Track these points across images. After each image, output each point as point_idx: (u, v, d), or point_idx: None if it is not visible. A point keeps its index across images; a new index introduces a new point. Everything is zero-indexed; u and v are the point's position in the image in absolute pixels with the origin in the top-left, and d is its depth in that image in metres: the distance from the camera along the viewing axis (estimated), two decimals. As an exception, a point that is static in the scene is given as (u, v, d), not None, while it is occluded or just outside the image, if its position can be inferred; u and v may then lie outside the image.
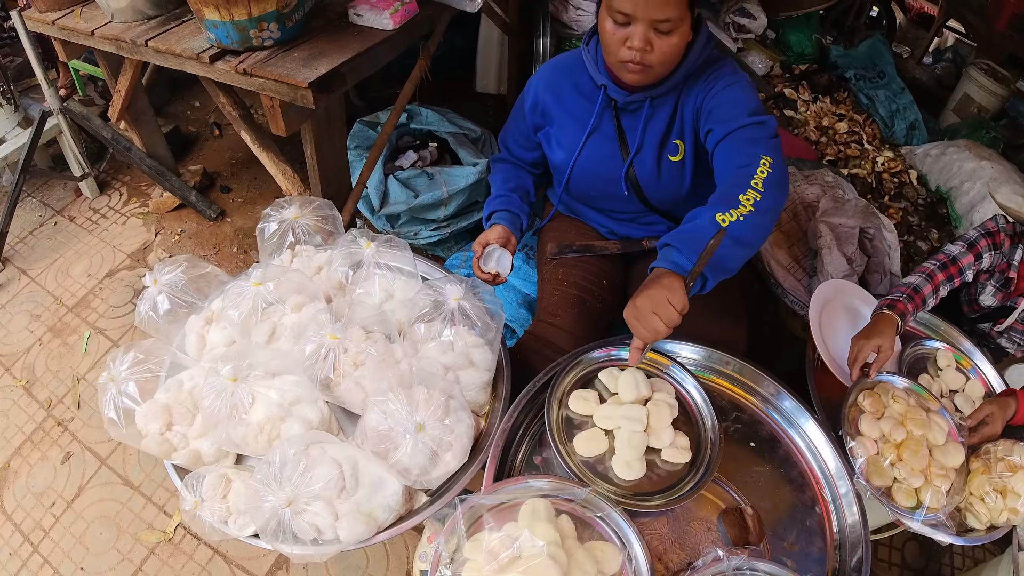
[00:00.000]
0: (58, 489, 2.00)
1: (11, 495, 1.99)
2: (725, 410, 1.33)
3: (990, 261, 1.68)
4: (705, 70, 1.36)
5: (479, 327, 1.21)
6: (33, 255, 2.74)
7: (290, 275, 1.25)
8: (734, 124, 1.27)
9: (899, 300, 1.55)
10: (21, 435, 2.14)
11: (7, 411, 2.21)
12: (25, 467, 2.06)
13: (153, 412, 1.17)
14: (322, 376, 1.15)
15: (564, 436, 1.17)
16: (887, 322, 1.49)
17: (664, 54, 1.24)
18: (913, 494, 1.29)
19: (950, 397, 1.64)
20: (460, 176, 2.30)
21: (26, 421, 2.18)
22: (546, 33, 2.74)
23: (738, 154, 1.24)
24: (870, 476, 1.28)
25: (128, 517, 1.92)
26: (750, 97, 1.31)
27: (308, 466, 1.05)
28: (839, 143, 3.46)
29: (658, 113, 1.40)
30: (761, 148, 1.21)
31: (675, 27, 1.21)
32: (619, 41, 1.24)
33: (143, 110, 2.59)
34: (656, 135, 1.42)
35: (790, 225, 2.62)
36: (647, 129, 1.42)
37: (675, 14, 1.18)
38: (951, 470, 1.33)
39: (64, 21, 1.98)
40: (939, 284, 1.63)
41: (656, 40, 1.22)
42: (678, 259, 1.12)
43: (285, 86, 1.55)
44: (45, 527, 1.91)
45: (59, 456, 2.08)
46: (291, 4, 1.55)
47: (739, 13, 3.73)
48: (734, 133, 1.26)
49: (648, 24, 1.20)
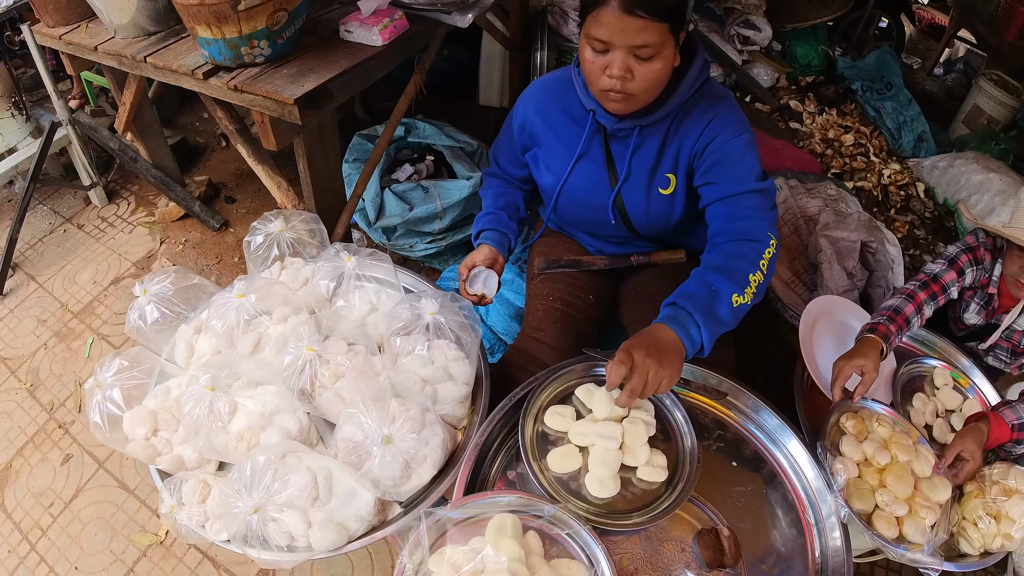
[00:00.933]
0: (57, 490, 2.04)
1: (12, 494, 2.05)
2: (708, 428, 1.31)
3: (972, 277, 1.66)
4: (700, 103, 1.32)
5: (453, 342, 1.21)
6: (42, 261, 2.81)
7: (274, 287, 1.27)
8: (740, 188, 1.28)
9: (880, 323, 1.52)
10: (23, 436, 2.20)
11: (11, 413, 2.26)
12: (26, 467, 2.11)
13: (140, 418, 1.20)
14: (300, 387, 1.16)
15: (538, 452, 1.17)
16: (870, 344, 1.46)
17: (646, 81, 1.20)
18: (895, 524, 1.22)
19: (946, 417, 1.60)
20: (454, 190, 2.31)
21: (29, 423, 2.23)
22: (544, 47, 2.75)
23: (745, 220, 1.27)
24: (850, 498, 1.23)
25: (122, 519, 1.96)
26: (755, 158, 1.31)
27: (282, 474, 1.07)
28: (845, 155, 3.43)
29: (647, 142, 1.37)
30: (768, 224, 1.26)
31: (656, 52, 1.16)
32: (599, 69, 1.20)
33: (149, 122, 2.64)
34: (645, 165, 1.39)
35: (791, 239, 2.60)
36: (635, 158, 1.39)
37: (654, 39, 1.14)
38: (936, 505, 1.27)
39: (70, 36, 2.04)
40: (922, 303, 1.60)
41: (636, 67, 1.18)
42: (695, 335, 1.16)
43: (273, 102, 1.58)
44: (43, 526, 1.96)
45: (59, 458, 2.12)
46: (281, 22, 1.58)
47: (744, 25, 3.72)
48: (739, 197, 1.28)
49: (627, 51, 1.16)
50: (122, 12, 1.86)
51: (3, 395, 2.31)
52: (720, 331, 1.17)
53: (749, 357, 2.26)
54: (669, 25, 1.15)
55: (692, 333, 1.15)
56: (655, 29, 1.13)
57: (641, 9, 1.11)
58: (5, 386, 2.34)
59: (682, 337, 1.15)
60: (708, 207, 1.34)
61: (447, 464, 1.18)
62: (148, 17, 1.89)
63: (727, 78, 3.74)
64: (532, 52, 2.82)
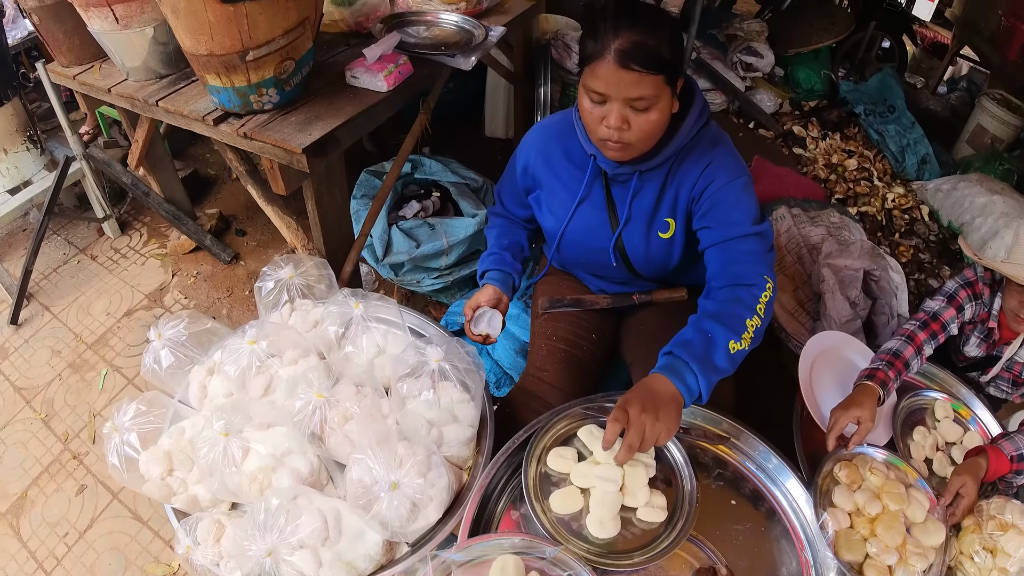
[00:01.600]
0: (72, 520, 2.07)
1: (27, 523, 2.08)
2: (708, 466, 1.34)
3: (972, 312, 1.67)
4: (697, 147, 1.35)
5: (459, 384, 1.25)
6: (57, 292, 2.85)
7: (284, 333, 1.31)
8: (736, 232, 1.31)
9: (879, 369, 1.53)
10: (39, 466, 2.23)
11: (26, 443, 2.30)
12: (41, 497, 2.14)
13: (155, 458, 1.24)
14: (310, 431, 1.20)
15: (541, 493, 1.20)
16: (867, 393, 1.47)
17: (643, 131, 1.23)
18: (886, 573, 1.23)
19: (946, 450, 1.61)
20: (460, 227, 2.36)
21: (44, 453, 2.27)
22: (547, 81, 2.80)
23: (740, 264, 1.29)
24: (840, 550, 1.24)
25: (136, 549, 1.99)
26: (751, 201, 1.33)
27: (294, 515, 1.11)
28: (848, 180, 3.45)
29: (646, 187, 1.39)
30: (764, 267, 1.28)
31: (652, 104, 1.19)
32: (597, 119, 1.24)
33: (160, 157, 2.70)
34: (645, 209, 1.41)
35: (794, 268, 2.63)
36: (635, 202, 1.41)
37: (649, 91, 1.17)
38: (930, 549, 1.27)
39: (84, 77, 2.09)
40: (922, 344, 1.61)
41: (633, 118, 1.21)
42: (692, 384, 1.18)
43: (282, 150, 1.62)
44: (58, 555, 1.99)
45: (74, 488, 2.16)
46: (288, 70, 1.63)
47: (746, 52, 3.76)
48: (734, 241, 1.31)
49: (623, 102, 1.19)
50: (134, 55, 1.91)
51: (18, 425, 2.35)
52: (717, 378, 1.19)
53: (750, 387, 2.28)
54: (664, 76, 1.18)
55: (689, 382, 1.18)
56: (650, 81, 1.17)
57: (636, 63, 1.14)
58: (20, 416, 2.38)
59: (679, 387, 1.17)
60: (706, 251, 1.37)
61: (453, 503, 1.21)
62: (159, 60, 1.94)
63: (730, 105, 3.78)
64: (536, 86, 2.87)
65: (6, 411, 2.40)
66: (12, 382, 2.49)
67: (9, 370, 2.54)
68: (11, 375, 2.52)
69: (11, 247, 3.11)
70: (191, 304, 2.75)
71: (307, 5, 1.56)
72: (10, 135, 2.69)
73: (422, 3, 2.19)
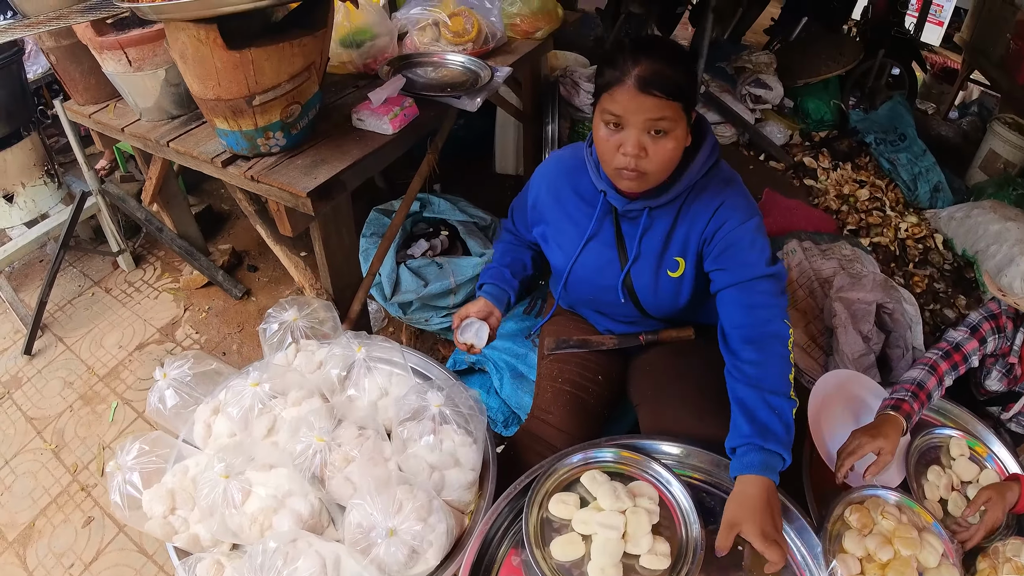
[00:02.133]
0: (77, 551, 2.08)
1: (34, 554, 2.08)
2: (714, 511, 1.30)
3: (994, 345, 1.64)
4: (708, 187, 1.35)
5: (461, 427, 1.24)
6: (71, 323, 2.89)
7: (288, 376, 1.32)
8: (753, 273, 1.31)
9: (904, 400, 1.50)
10: (47, 497, 2.24)
11: (36, 473, 2.32)
12: (49, 528, 2.15)
13: (159, 496, 1.24)
14: (310, 474, 1.19)
15: (542, 539, 1.18)
16: (892, 424, 1.44)
17: (659, 159, 1.23)
18: None
19: (962, 490, 1.56)
20: (467, 267, 2.37)
21: (52, 484, 2.28)
22: (554, 119, 2.82)
23: (761, 311, 1.30)
24: None
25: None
26: (764, 241, 1.34)
27: (293, 558, 1.10)
28: (860, 211, 3.41)
29: (656, 224, 1.39)
30: (781, 311, 1.30)
31: (670, 129, 1.21)
32: (613, 148, 1.24)
33: (174, 193, 2.76)
34: (654, 247, 1.41)
35: (806, 303, 2.60)
36: (644, 240, 1.41)
37: (669, 114, 1.19)
38: None
39: (99, 116, 2.15)
40: (943, 375, 1.58)
41: (651, 144, 1.22)
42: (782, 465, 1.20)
43: (288, 194, 1.64)
44: None
45: (81, 520, 2.16)
46: (295, 114, 1.66)
47: (755, 84, 3.78)
48: (752, 282, 1.31)
49: (641, 127, 1.20)
50: (146, 96, 1.96)
51: (29, 455, 2.37)
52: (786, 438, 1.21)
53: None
54: (681, 104, 1.20)
55: (779, 466, 1.20)
56: (669, 107, 1.19)
57: (656, 89, 1.17)
58: (31, 446, 2.41)
59: (773, 477, 1.18)
60: (720, 292, 1.36)
61: (454, 548, 1.19)
62: (171, 101, 1.98)
63: (740, 137, 3.78)
64: (544, 123, 2.90)
65: (17, 440, 2.42)
66: (24, 412, 2.52)
67: (21, 400, 2.57)
68: (23, 405, 2.55)
69: (28, 278, 3.17)
70: (202, 339, 2.78)
71: (312, 51, 1.59)
72: (28, 169, 2.75)
73: (429, 44, 2.23)
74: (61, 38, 2.09)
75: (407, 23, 2.27)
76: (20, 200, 2.77)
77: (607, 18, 4.28)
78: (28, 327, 2.72)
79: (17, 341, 2.78)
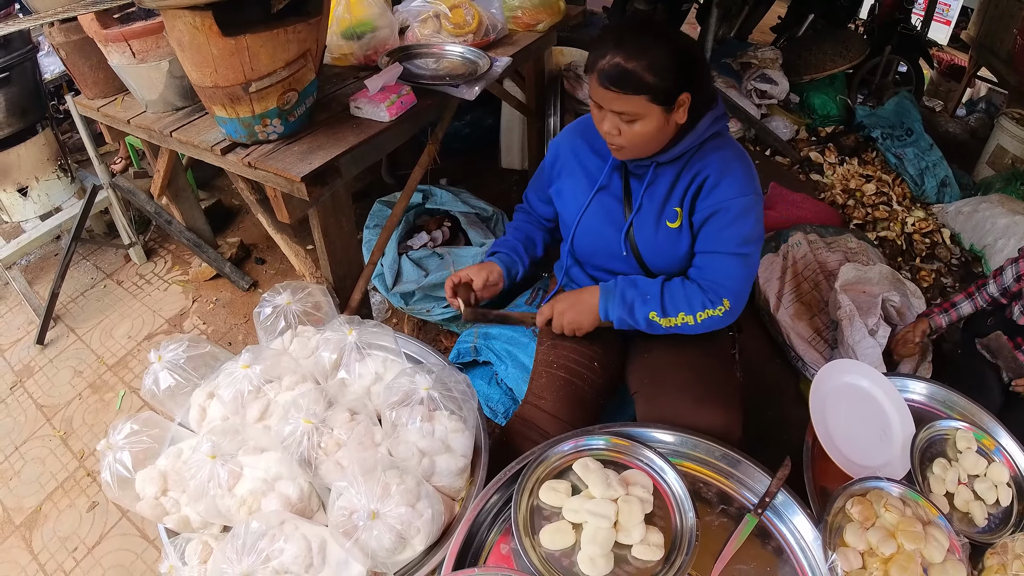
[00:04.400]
0: (81, 535, 2.12)
1: (39, 537, 2.13)
2: (710, 501, 1.29)
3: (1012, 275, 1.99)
4: (718, 151, 1.41)
5: (454, 415, 1.23)
6: (83, 315, 2.94)
7: (280, 359, 1.32)
8: (722, 248, 1.41)
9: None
10: (54, 482, 2.29)
11: (44, 459, 2.36)
12: (55, 512, 2.19)
13: (151, 477, 1.25)
14: (299, 456, 1.19)
15: (531, 527, 1.16)
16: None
17: (630, 141, 1.33)
18: None
19: (969, 484, 1.53)
20: (467, 257, 2.38)
21: (60, 469, 2.32)
22: (557, 112, 2.82)
23: (711, 271, 1.43)
24: None
25: (141, 568, 2.01)
26: (748, 222, 1.40)
27: (278, 540, 1.10)
28: (867, 205, 3.39)
29: (660, 179, 1.46)
30: (730, 293, 1.42)
31: (636, 119, 1.29)
32: (598, 122, 1.36)
33: (183, 187, 2.79)
34: (656, 200, 1.47)
35: (811, 296, 2.57)
36: (647, 193, 1.47)
37: (631, 108, 1.27)
38: None
39: (107, 109, 2.18)
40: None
41: (622, 127, 1.32)
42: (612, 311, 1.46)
43: (283, 179, 1.65)
44: (66, 569, 2.03)
45: (86, 505, 2.20)
46: (292, 101, 1.66)
47: (761, 79, 3.75)
48: (718, 256, 1.42)
49: (613, 113, 1.31)
50: (151, 88, 1.98)
51: (38, 441, 2.42)
52: (629, 327, 1.47)
53: (764, 419, 2.22)
54: (648, 97, 1.26)
55: (609, 310, 1.47)
56: (631, 100, 1.26)
57: (611, 84, 1.26)
58: (40, 433, 2.46)
59: (601, 305, 1.47)
60: (694, 252, 1.48)
61: (443, 535, 1.19)
62: (176, 93, 2.01)
63: (746, 132, 3.75)
64: (546, 116, 2.89)
65: (27, 427, 2.47)
66: (35, 400, 2.58)
67: (33, 388, 2.63)
68: (35, 393, 2.61)
69: (43, 271, 3.23)
70: (209, 329, 2.81)
71: (308, 38, 1.60)
72: (41, 164, 2.81)
73: (430, 36, 2.23)
74: (70, 33, 2.13)
75: (408, 16, 2.27)
76: (34, 194, 2.83)
77: (614, 16, 4.28)
78: (41, 318, 2.77)
79: (31, 331, 2.83)
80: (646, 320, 1.43)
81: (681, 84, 1.27)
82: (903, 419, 1.57)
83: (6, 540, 2.12)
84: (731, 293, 1.42)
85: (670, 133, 1.35)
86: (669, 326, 1.43)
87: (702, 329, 1.43)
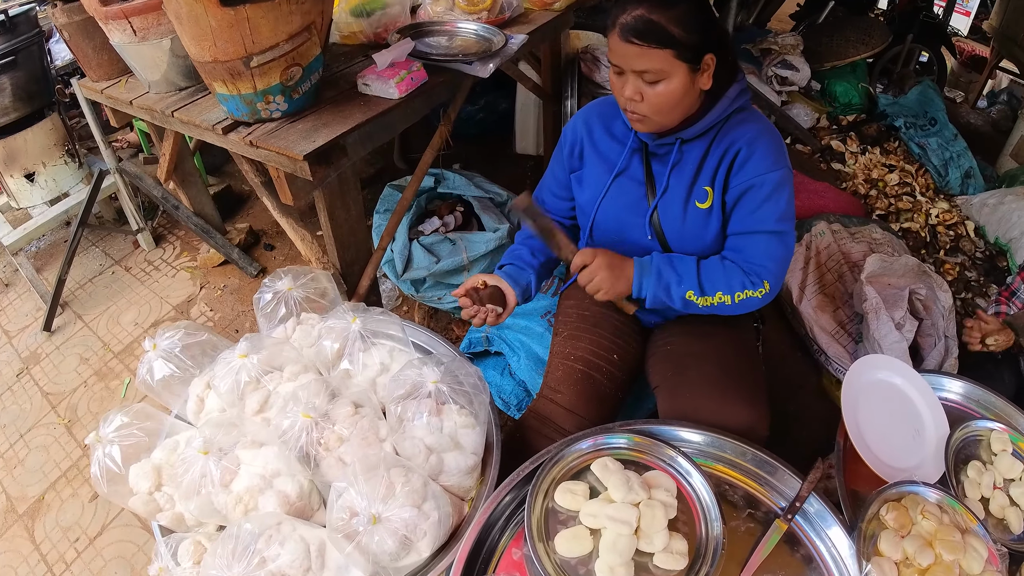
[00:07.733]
0: (83, 526, 2.10)
1: (42, 526, 2.11)
2: (737, 505, 1.21)
3: None
4: (745, 123, 1.34)
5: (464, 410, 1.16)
6: (90, 301, 2.92)
7: (280, 348, 1.25)
8: (759, 227, 1.33)
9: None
10: (58, 471, 2.27)
11: (48, 447, 2.35)
12: (57, 501, 2.17)
13: (144, 472, 1.19)
14: (297, 452, 1.12)
15: (545, 532, 1.09)
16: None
17: (653, 104, 1.24)
18: None
19: (1005, 488, 1.45)
20: (480, 242, 2.30)
21: (63, 458, 2.30)
22: (574, 95, 2.75)
23: (751, 252, 1.35)
24: None
25: (142, 560, 1.99)
26: (782, 196, 1.32)
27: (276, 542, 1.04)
28: (890, 196, 3.29)
29: (687, 157, 1.38)
30: (769, 275, 1.34)
31: (660, 78, 1.21)
32: (619, 90, 1.27)
33: (190, 172, 2.75)
34: (684, 179, 1.38)
35: (835, 287, 2.48)
36: (674, 173, 1.39)
37: (655, 65, 1.19)
38: None
39: (110, 91, 2.15)
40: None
41: (645, 90, 1.23)
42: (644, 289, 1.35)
43: (286, 158, 1.59)
44: (67, 560, 2.01)
45: (88, 495, 2.18)
46: (295, 77, 1.60)
47: (781, 65, 3.66)
48: (755, 236, 1.34)
49: (635, 75, 1.22)
50: (153, 68, 1.94)
51: (42, 429, 2.40)
52: (663, 304, 1.37)
53: (787, 414, 2.15)
54: (674, 52, 1.18)
55: (644, 285, 1.35)
56: (656, 55, 1.18)
57: (636, 37, 1.17)
58: (45, 420, 2.44)
59: (635, 279, 1.35)
60: (728, 234, 1.40)
61: (451, 538, 1.12)
62: (179, 73, 1.96)
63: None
64: (563, 100, 2.82)
65: (33, 415, 2.45)
66: (41, 387, 2.56)
67: (39, 375, 2.61)
68: (40, 380, 2.59)
69: (53, 257, 3.22)
70: (216, 316, 2.77)
71: (311, 9, 1.53)
72: (48, 149, 2.78)
73: (443, 13, 2.15)
74: (73, 14, 2.09)
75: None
76: (41, 179, 2.80)
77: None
78: (48, 304, 2.74)
79: (39, 318, 2.81)
80: (682, 299, 1.35)
81: (707, 43, 1.20)
82: (937, 419, 1.49)
83: (9, 529, 2.10)
84: (771, 275, 1.34)
85: (694, 101, 1.28)
86: (706, 305, 1.35)
87: (740, 310, 1.36)
